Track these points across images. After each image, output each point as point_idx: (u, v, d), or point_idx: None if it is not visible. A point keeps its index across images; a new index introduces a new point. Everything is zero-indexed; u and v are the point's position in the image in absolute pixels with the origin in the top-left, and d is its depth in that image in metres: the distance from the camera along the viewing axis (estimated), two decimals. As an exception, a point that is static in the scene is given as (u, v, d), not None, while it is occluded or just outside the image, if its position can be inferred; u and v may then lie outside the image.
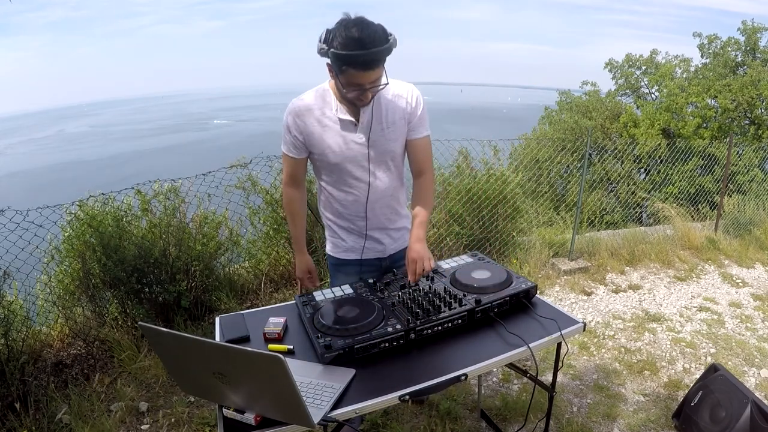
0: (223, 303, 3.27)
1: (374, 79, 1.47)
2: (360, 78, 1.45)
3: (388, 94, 1.64)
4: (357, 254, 1.84)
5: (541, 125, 15.43)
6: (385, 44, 1.41)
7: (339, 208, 1.77)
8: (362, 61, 1.40)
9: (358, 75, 1.44)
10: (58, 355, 2.82)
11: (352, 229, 1.81)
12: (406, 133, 1.70)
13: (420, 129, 1.71)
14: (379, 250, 1.86)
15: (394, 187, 1.77)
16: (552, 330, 1.53)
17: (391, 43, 1.43)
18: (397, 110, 1.66)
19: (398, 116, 1.66)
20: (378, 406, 1.27)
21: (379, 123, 1.64)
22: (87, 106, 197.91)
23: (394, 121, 1.66)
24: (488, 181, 4.15)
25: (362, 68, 1.42)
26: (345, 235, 1.83)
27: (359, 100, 1.53)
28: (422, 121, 1.70)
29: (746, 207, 5.67)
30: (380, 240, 1.84)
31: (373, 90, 1.51)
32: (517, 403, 2.45)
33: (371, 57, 1.40)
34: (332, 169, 1.69)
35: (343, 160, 1.65)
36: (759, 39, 12.64)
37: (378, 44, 1.40)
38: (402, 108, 1.66)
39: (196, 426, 2.33)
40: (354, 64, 1.41)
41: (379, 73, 1.48)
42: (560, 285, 3.99)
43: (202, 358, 1.11)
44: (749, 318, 3.48)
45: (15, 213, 2.59)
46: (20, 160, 48.60)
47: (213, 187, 3.34)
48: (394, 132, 1.67)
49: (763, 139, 11.19)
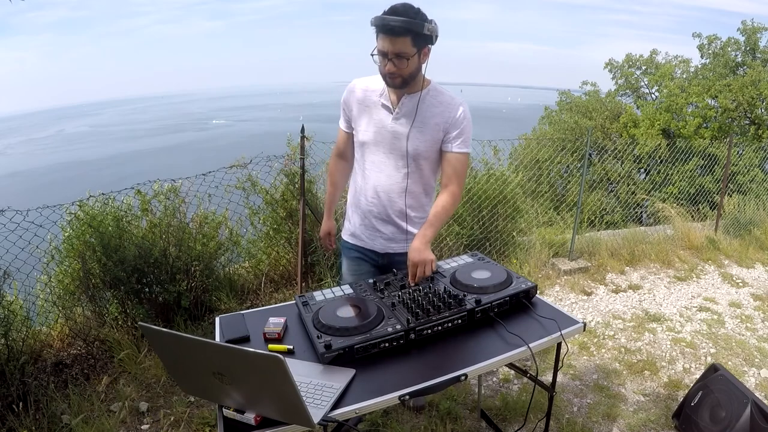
0: (223, 303, 3.27)
1: (398, 50, 1.55)
2: (385, 44, 1.55)
3: (434, 97, 1.71)
4: (357, 241, 1.91)
5: (541, 125, 15.43)
6: (414, 18, 1.52)
7: (356, 186, 1.87)
8: (386, 24, 1.52)
9: (383, 40, 1.55)
10: (58, 355, 2.82)
11: (359, 211, 1.87)
12: (439, 140, 1.72)
13: (456, 143, 1.72)
14: (377, 243, 1.87)
15: (411, 188, 1.77)
16: (552, 330, 1.53)
17: (420, 23, 1.53)
18: (437, 115, 1.70)
19: (435, 121, 1.70)
20: (378, 406, 1.27)
21: (411, 118, 1.69)
22: (87, 106, 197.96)
23: (428, 124, 1.70)
24: (488, 181, 4.15)
25: (386, 32, 1.54)
26: (353, 217, 1.91)
27: (385, 72, 1.61)
28: (462, 136, 1.72)
29: (746, 207, 5.67)
30: (382, 233, 1.85)
31: (397, 62, 1.57)
32: (517, 403, 2.45)
33: (395, 22, 1.51)
34: (359, 147, 1.81)
35: (369, 140, 1.75)
36: (759, 39, 12.65)
37: (406, 15, 1.52)
38: (442, 115, 1.70)
39: (196, 426, 2.33)
40: (380, 27, 1.54)
41: (403, 47, 1.55)
42: (560, 285, 3.99)
43: (202, 358, 1.11)
44: (749, 318, 3.48)
45: (15, 213, 2.58)
46: (20, 160, 48.61)
47: (213, 187, 3.34)
48: (424, 133, 1.70)
49: (763, 139, 11.19)
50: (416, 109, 1.69)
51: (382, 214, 1.82)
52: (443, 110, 1.70)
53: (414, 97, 1.69)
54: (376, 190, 1.79)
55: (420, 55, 1.60)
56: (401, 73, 1.59)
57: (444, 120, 1.70)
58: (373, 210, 1.82)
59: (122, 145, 54.21)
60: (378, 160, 1.76)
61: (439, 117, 1.70)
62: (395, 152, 1.73)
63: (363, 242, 1.90)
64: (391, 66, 1.58)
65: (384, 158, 1.75)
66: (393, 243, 1.87)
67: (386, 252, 1.88)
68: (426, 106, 1.70)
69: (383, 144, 1.73)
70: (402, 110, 1.69)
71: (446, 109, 1.70)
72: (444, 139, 1.72)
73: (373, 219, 1.84)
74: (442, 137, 1.72)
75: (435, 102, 1.71)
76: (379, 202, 1.80)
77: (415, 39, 1.55)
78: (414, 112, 1.69)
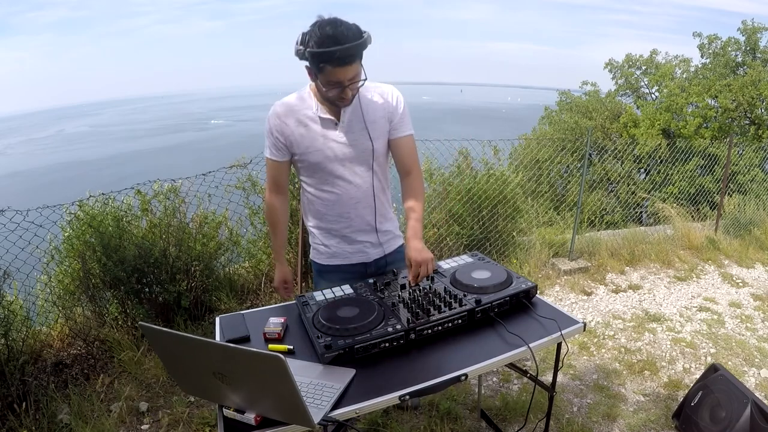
0: (223, 303, 3.27)
1: (352, 75, 1.49)
2: (338, 75, 1.47)
3: (368, 94, 1.67)
4: (340, 259, 1.82)
5: (541, 125, 15.42)
6: (359, 39, 1.44)
7: (322, 210, 1.76)
8: (338, 56, 1.42)
9: (335, 72, 1.46)
10: (58, 355, 2.82)
11: (334, 232, 1.79)
12: (388, 131, 1.71)
13: (403, 127, 1.71)
14: (362, 255, 1.82)
15: (378, 187, 1.75)
16: (552, 330, 1.53)
17: (366, 39, 1.46)
18: (378, 109, 1.67)
19: (379, 115, 1.68)
20: (378, 406, 1.27)
21: (360, 121, 1.65)
22: (87, 106, 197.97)
23: (375, 120, 1.67)
24: (488, 181, 4.15)
25: (339, 64, 1.44)
26: (328, 240, 1.81)
27: (340, 99, 1.55)
28: (404, 119, 1.71)
29: (746, 207, 5.67)
30: (364, 243, 1.80)
31: (352, 87, 1.52)
32: (517, 403, 2.45)
33: (346, 52, 1.42)
34: (314, 169, 1.69)
35: (324, 159, 1.66)
36: (759, 39, 12.64)
37: (352, 39, 1.42)
38: (383, 106, 1.68)
39: (196, 426, 2.33)
40: (330, 61, 1.43)
41: (356, 70, 1.49)
42: (560, 285, 3.99)
43: (202, 358, 1.11)
44: (749, 318, 3.48)
45: (15, 213, 2.59)
46: (20, 160, 48.59)
47: (213, 187, 3.34)
48: (375, 130, 1.67)
49: (763, 139, 11.18)
50: (362, 113, 1.65)
51: (361, 224, 1.77)
52: (382, 103, 1.68)
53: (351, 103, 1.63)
54: (351, 204, 1.73)
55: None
56: (355, 92, 1.56)
57: (385, 111, 1.68)
58: (354, 224, 1.76)
59: (122, 145, 54.18)
60: (343, 174, 1.69)
61: (380, 110, 1.68)
62: (358, 160, 1.69)
63: (348, 259, 1.83)
64: (348, 92, 1.52)
65: (348, 171, 1.69)
66: (381, 246, 1.84)
67: (375, 259, 1.84)
68: (366, 106, 1.66)
69: (344, 157, 1.67)
70: (345, 118, 1.64)
71: (382, 99, 1.68)
72: (390, 128, 1.70)
73: (355, 233, 1.78)
74: (389, 128, 1.70)
75: (370, 97, 1.68)
76: (356, 214, 1.75)
77: (361, 57, 1.50)
78: (360, 116, 1.65)
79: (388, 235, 1.85)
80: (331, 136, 1.65)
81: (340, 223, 1.76)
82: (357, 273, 1.84)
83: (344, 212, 1.74)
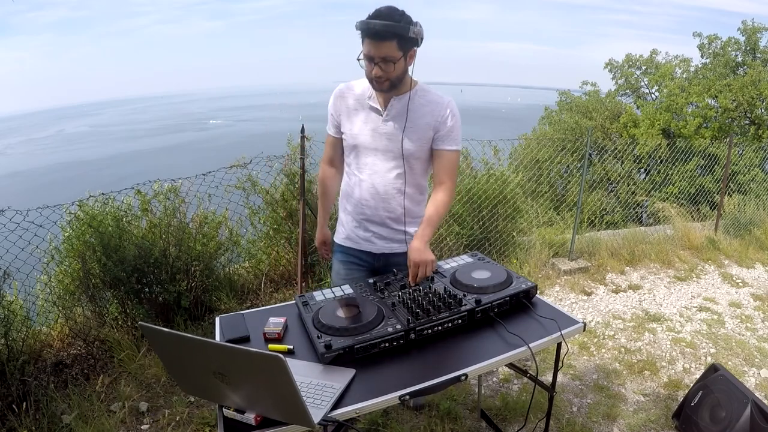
0: (223, 303, 3.27)
1: (384, 54, 1.55)
2: (370, 47, 1.55)
3: (423, 98, 1.72)
4: (352, 243, 1.90)
5: (541, 125, 15.41)
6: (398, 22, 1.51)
7: (348, 190, 1.86)
8: (371, 28, 1.52)
9: (368, 44, 1.55)
10: (58, 355, 2.82)
11: (353, 215, 1.86)
12: (430, 140, 1.74)
13: (448, 141, 1.74)
14: (371, 245, 1.87)
15: (404, 189, 1.78)
16: (552, 330, 1.53)
17: (405, 26, 1.52)
18: (426, 115, 1.71)
19: (425, 121, 1.71)
20: (378, 406, 1.27)
21: (404, 120, 1.70)
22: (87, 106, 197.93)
23: (418, 124, 1.71)
24: (488, 181, 4.15)
25: (371, 36, 1.53)
26: (347, 221, 1.90)
27: (372, 76, 1.61)
28: (452, 133, 1.74)
29: (746, 207, 5.67)
30: (377, 234, 1.85)
31: (384, 67, 1.57)
32: (517, 403, 2.45)
33: (379, 27, 1.51)
34: (351, 150, 1.80)
35: (361, 142, 1.75)
36: (759, 39, 12.63)
37: (391, 19, 1.51)
38: (431, 114, 1.71)
39: (196, 426, 2.33)
40: (365, 31, 1.54)
41: (389, 50, 1.55)
42: (560, 285, 3.99)
43: (202, 358, 1.11)
44: (749, 318, 3.48)
45: (15, 213, 2.58)
46: (20, 160, 48.57)
47: (213, 187, 3.34)
48: (415, 133, 1.71)
49: (763, 139, 11.18)
50: (407, 111, 1.69)
51: (377, 215, 1.82)
52: (432, 109, 1.71)
53: (403, 98, 1.70)
54: (371, 192, 1.79)
55: (406, 58, 1.60)
56: (388, 76, 1.60)
57: (434, 119, 1.71)
58: (368, 212, 1.82)
59: (122, 145, 54.17)
60: (371, 162, 1.76)
61: (428, 117, 1.71)
62: (389, 154, 1.74)
63: (358, 244, 1.88)
64: (378, 70, 1.57)
65: (378, 160, 1.75)
66: (391, 243, 1.86)
67: (383, 253, 1.87)
68: (415, 107, 1.71)
69: (376, 146, 1.74)
70: (391, 112, 1.70)
71: (435, 108, 1.71)
72: (434, 137, 1.74)
73: (369, 221, 1.84)
74: (433, 136, 1.73)
75: (423, 102, 1.72)
76: (374, 204, 1.80)
77: (400, 42, 1.54)
78: (404, 113, 1.70)
79: (401, 235, 1.86)
80: (373, 124, 1.73)
81: (360, 207, 1.83)
82: (366, 262, 1.91)
83: (364, 199, 1.81)
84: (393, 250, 1.87)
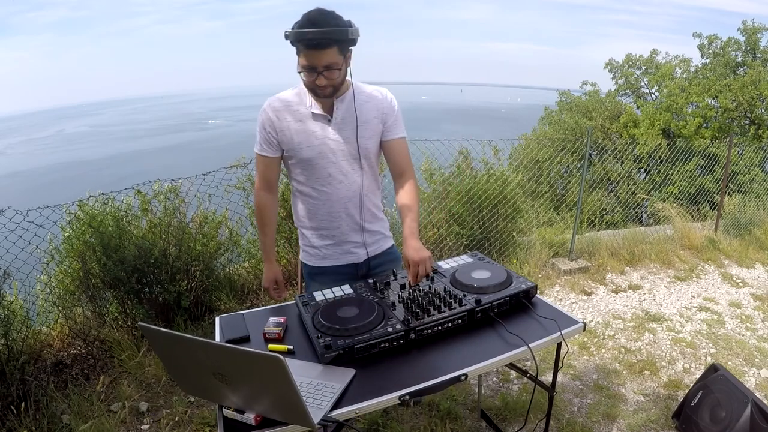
0: (223, 303, 3.27)
1: (326, 62, 1.49)
2: (311, 58, 1.48)
3: (362, 94, 1.69)
4: (330, 261, 1.81)
5: (541, 125, 15.42)
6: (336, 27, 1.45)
7: (311, 209, 1.75)
8: (310, 38, 1.44)
9: (308, 55, 1.48)
10: (58, 355, 2.82)
11: (324, 232, 1.78)
12: (380, 132, 1.72)
13: (396, 129, 1.74)
14: (352, 255, 1.81)
15: (368, 187, 1.76)
16: (552, 330, 1.53)
17: (343, 29, 1.47)
18: (372, 109, 1.70)
19: (372, 115, 1.70)
20: (378, 406, 1.27)
21: (353, 120, 1.66)
22: (87, 106, 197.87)
23: (368, 119, 1.69)
24: (488, 181, 4.15)
25: (311, 46, 1.46)
26: (318, 241, 1.79)
27: (315, 86, 1.55)
28: (398, 121, 1.74)
29: (746, 207, 5.67)
30: (353, 243, 1.80)
31: (328, 76, 1.52)
32: (517, 403, 2.45)
33: (319, 35, 1.44)
34: (305, 166, 1.69)
35: (316, 155, 1.66)
36: (759, 39, 12.64)
37: (327, 25, 1.44)
38: (376, 107, 1.70)
39: (196, 426, 2.33)
40: (303, 41, 1.46)
41: (331, 58, 1.49)
42: (560, 285, 3.99)
43: (202, 358, 1.11)
44: (749, 318, 3.48)
45: (15, 213, 2.59)
46: (20, 160, 48.58)
47: (213, 187, 3.34)
48: (367, 129, 1.69)
49: (763, 138, 11.19)
50: (355, 112, 1.66)
51: (351, 223, 1.77)
52: (376, 104, 1.70)
53: (345, 99, 1.65)
54: (340, 203, 1.73)
55: (346, 60, 1.56)
56: (333, 83, 1.56)
57: (379, 112, 1.70)
58: (342, 224, 1.76)
59: (122, 145, 54.17)
60: (330, 172, 1.69)
61: (374, 111, 1.70)
62: (346, 158, 1.69)
63: (338, 260, 1.82)
64: (322, 79, 1.52)
65: (336, 167, 1.69)
66: (370, 247, 1.83)
67: (365, 259, 1.83)
68: (360, 105, 1.67)
69: (332, 153, 1.68)
70: (338, 115, 1.66)
71: (377, 101, 1.71)
72: (384, 129, 1.72)
73: (343, 232, 1.77)
74: (382, 129, 1.72)
75: (365, 98, 1.69)
76: (346, 213, 1.75)
77: (340, 47, 1.49)
78: (352, 114, 1.66)
79: (377, 235, 1.84)
80: (323, 133, 1.66)
81: (330, 222, 1.76)
82: (347, 274, 1.83)
83: (334, 211, 1.74)
84: (373, 252, 1.84)
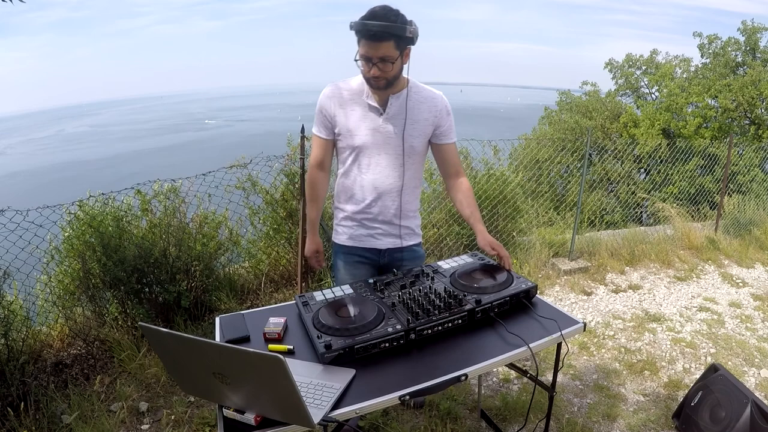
0: (223, 303, 3.27)
1: (382, 54, 1.57)
2: (368, 48, 1.57)
3: (418, 95, 1.76)
4: (354, 241, 1.90)
5: (541, 125, 15.43)
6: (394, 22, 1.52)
7: (348, 191, 1.85)
8: (368, 29, 1.53)
9: (365, 45, 1.57)
10: (58, 355, 2.82)
11: (355, 215, 1.86)
12: (429, 134, 1.80)
13: (450, 134, 1.83)
14: (376, 241, 1.88)
15: (408, 183, 1.83)
16: (552, 330, 1.53)
17: (402, 26, 1.54)
18: (424, 111, 1.76)
19: (424, 116, 1.77)
20: (378, 406, 1.27)
21: (403, 117, 1.73)
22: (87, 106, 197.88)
23: (418, 120, 1.76)
24: (488, 181, 4.15)
25: (368, 37, 1.55)
26: (347, 222, 1.88)
27: (370, 76, 1.62)
28: (452, 127, 1.83)
29: (746, 207, 5.67)
30: (380, 230, 1.86)
31: (382, 67, 1.59)
32: (517, 403, 2.45)
33: (377, 28, 1.52)
34: (352, 151, 1.78)
35: (364, 143, 1.75)
36: (759, 39, 12.65)
37: (387, 20, 1.52)
38: (429, 110, 1.77)
39: (196, 426, 2.33)
40: (362, 32, 1.55)
41: (387, 51, 1.57)
42: (560, 285, 3.99)
43: (202, 358, 1.11)
44: (749, 318, 3.48)
45: (15, 213, 2.59)
46: (20, 160, 48.54)
47: (213, 187, 3.34)
48: (416, 129, 1.76)
49: (763, 139, 11.19)
50: (406, 108, 1.73)
51: (382, 213, 1.84)
52: (429, 105, 1.77)
53: (400, 96, 1.73)
54: (376, 191, 1.80)
55: (402, 57, 1.63)
56: (386, 76, 1.62)
57: (432, 114, 1.77)
58: (374, 211, 1.83)
59: (122, 145, 54.13)
60: (375, 162, 1.78)
61: (426, 112, 1.77)
62: (391, 152, 1.77)
63: (362, 243, 1.89)
64: (376, 70, 1.60)
65: (380, 159, 1.77)
66: (394, 238, 1.89)
67: (388, 248, 1.89)
68: (413, 104, 1.75)
69: (379, 145, 1.76)
70: (391, 110, 1.73)
71: (431, 104, 1.77)
72: (435, 132, 1.80)
73: (373, 220, 1.85)
74: (432, 131, 1.80)
75: (420, 98, 1.76)
76: (380, 202, 1.82)
77: (397, 42, 1.57)
78: (404, 110, 1.74)
79: (406, 230, 1.91)
80: (374, 124, 1.74)
81: (364, 207, 1.83)
82: (370, 259, 1.91)
83: (367, 198, 1.81)
84: (395, 245, 1.90)
